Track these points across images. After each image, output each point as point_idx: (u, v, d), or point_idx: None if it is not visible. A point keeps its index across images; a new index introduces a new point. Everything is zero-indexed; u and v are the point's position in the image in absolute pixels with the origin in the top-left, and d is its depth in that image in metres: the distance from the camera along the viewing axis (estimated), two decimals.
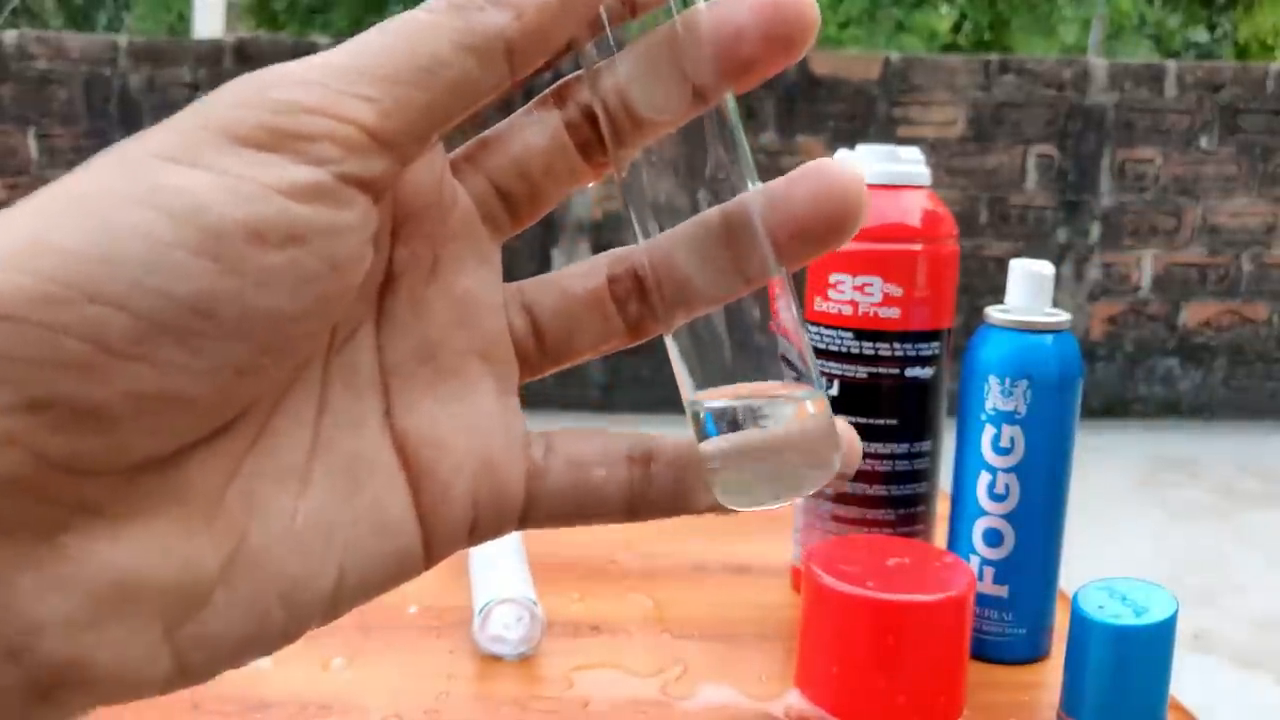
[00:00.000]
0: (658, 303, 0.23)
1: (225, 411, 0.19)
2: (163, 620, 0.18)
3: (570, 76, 0.23)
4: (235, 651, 0.20)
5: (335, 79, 0.19)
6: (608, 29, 0.22)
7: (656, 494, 0.24)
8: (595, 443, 0.23)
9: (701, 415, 0.22)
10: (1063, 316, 0.54)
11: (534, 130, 0.23)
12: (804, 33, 0.22)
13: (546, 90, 0.24)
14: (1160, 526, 2.65)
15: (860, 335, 0.57)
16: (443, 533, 0.22)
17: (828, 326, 0.58)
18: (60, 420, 0.16)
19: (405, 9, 0.20)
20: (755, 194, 0.22)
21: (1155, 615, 0.45)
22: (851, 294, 0.57)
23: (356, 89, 0.19)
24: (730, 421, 0.22)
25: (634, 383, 3.43)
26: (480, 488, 0.22)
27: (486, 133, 0.24)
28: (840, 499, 0.59)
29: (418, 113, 0.19)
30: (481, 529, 0.23)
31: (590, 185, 0.24)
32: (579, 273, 0.24)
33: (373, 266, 0.21)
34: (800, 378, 0.22)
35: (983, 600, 0.55)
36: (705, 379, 0.23)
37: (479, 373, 0.23)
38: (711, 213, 0.22)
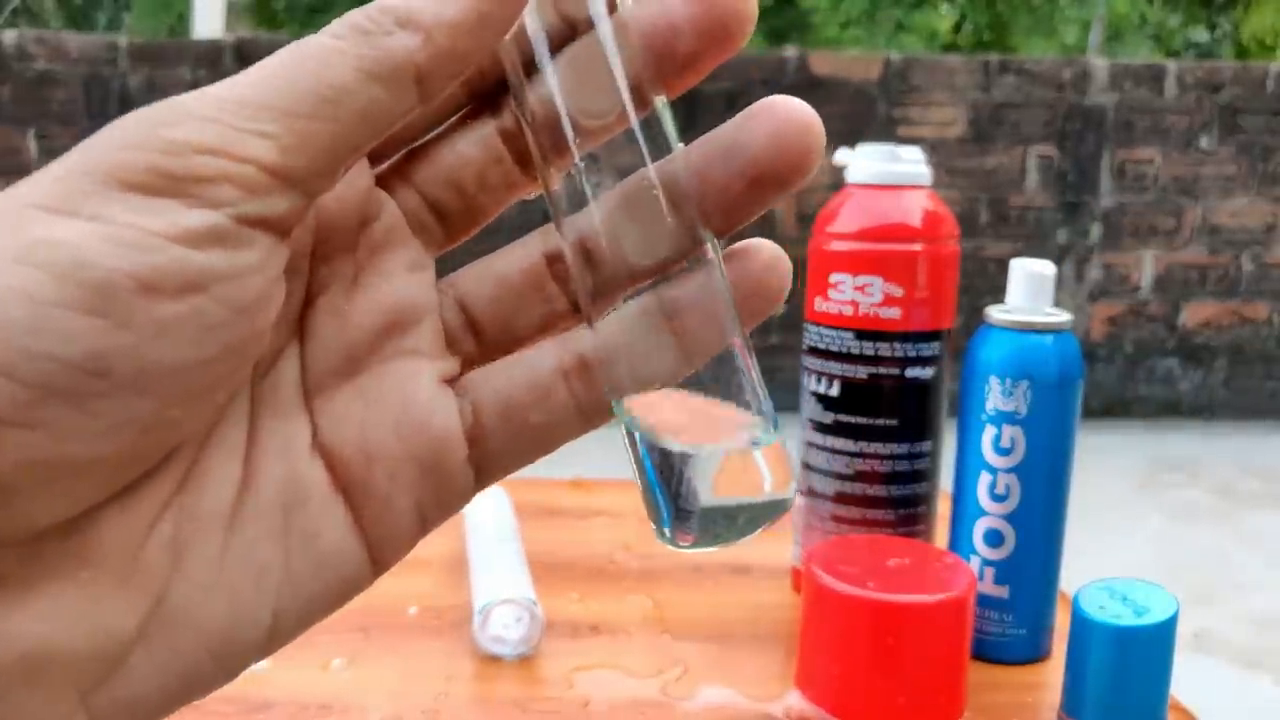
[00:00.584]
0: (595, 278, 0.22)
1: (133, 468, 0.18)
2: (76, 688, 0.18)
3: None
4: (159, 708, 0.19)
5: (232, 114, 0.18)
6: (536, 44, 0.21)
7: (603, 397, 0.22)
8: (522, 377, 0.22)
9: (639, 445, 0.21)
10: (1063, 317, 0.54)
11: (466, 141, 0.22)
12: (741, 24, 0.21)
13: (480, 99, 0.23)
14: (1160, 527, 2.65)
15: (861, 335, 0.57)
16: (391, 543, 0.22)
17: (828, 326, 0.58)
18: None
19: None
20: (679, 155, 0.22)
21: (1156, 615, 0.45)
22: (852, 294, 0.57)
23: (255, 124, 0.18)
24: (677, 479, 0.22)
25: None
26: (423, 487, 0.22)
27: (417, 144, 0.23)
28: (840, 499, 0.59)
29: (322, 147, 0.18)
30: (433, 521, 0.22)
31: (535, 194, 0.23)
32: (514, 256, 0.23)
33: (292, 291, 0.21)
34: (755, 410, 0.22)
35: (983, 601, 0.55)
36: (637, 380, 0.21)
37: (409, 373, 0.22)
38: (636, 179, 0.21)
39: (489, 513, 0.68)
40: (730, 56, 0.22)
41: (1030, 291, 0.54)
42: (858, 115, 3.36)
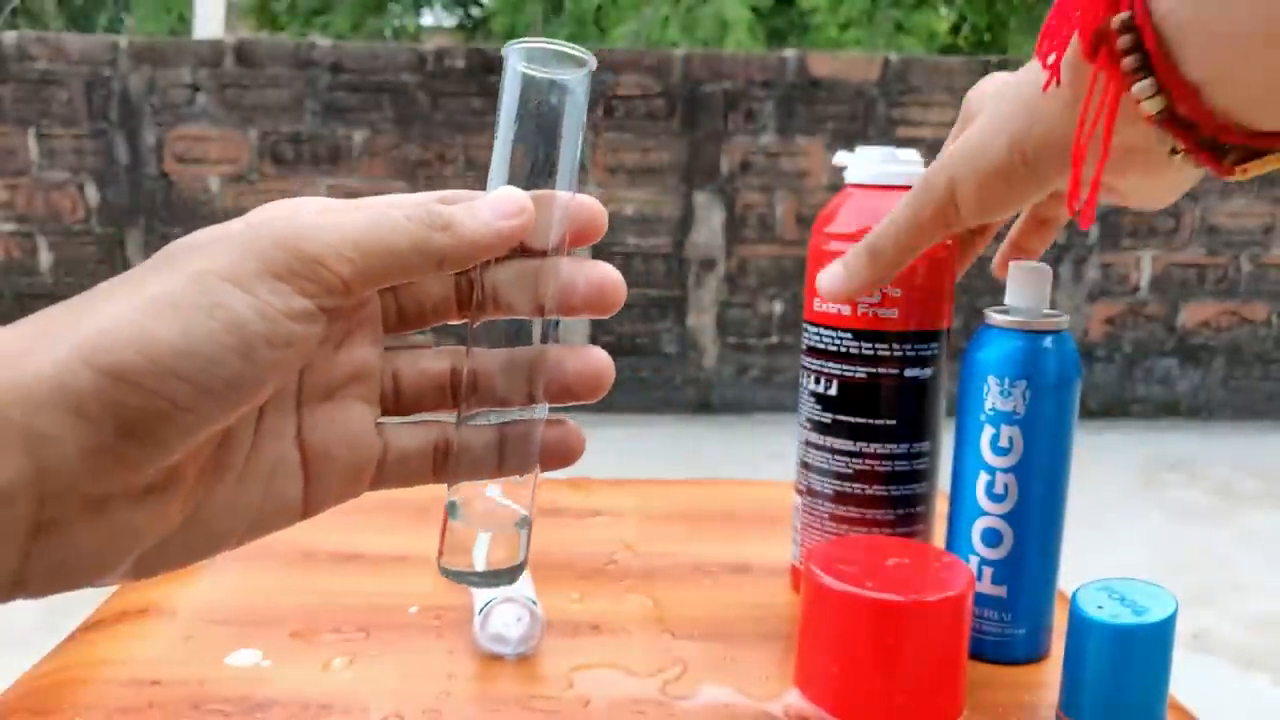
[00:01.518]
0: (472, 395, 0.35)
1: (218, 435, 0.30)
2: (138, 552, 0.30)
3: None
4: (179, 565, 0.32)
5: (338, 241, 0.30)
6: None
7: (449, 469, 0.35)
8: (414, 439, 0.35)
9: (447, 512, 0.35)
10: (1061, 317, 0.54)
11: (436, 282, 0.35)
12: (613, 306, 0.35)
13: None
14: (1159, 527, 2.65)
15: (860, 336, 0.57)
16: (315, 506, 0.34)
17: (827, 327, 0.58)
18: (135, 439, 0.27)
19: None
20: (551, 348, 0.35)
21: (1154, 615, 0.45)
22: None
23: (347, 253, 0.30)
24: (457, 534, 0.35)
25: (634, 383, 3.43)
26: (346, 480, 0.34)
27: None
28: (839, 499, 0.59)
29: (373, 278, 0.31)
30: (340, 499, 0.34)
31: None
32: (435, 357, 0.36)
33: (315, 351, 0.32)
34: (521, 511, 0.36)
35: (982, 600, 0.55)
36: (465, 472, 0.35)
37: (359, 408, 0.34)
38: (520, 351, 0.35)
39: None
40: (603, 316, 0.36)
41: (1028, 292, 0.55)
42: (857, 116, 3.36)
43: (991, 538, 0.55)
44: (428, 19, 7.36)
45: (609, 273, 0.35)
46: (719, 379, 3.47)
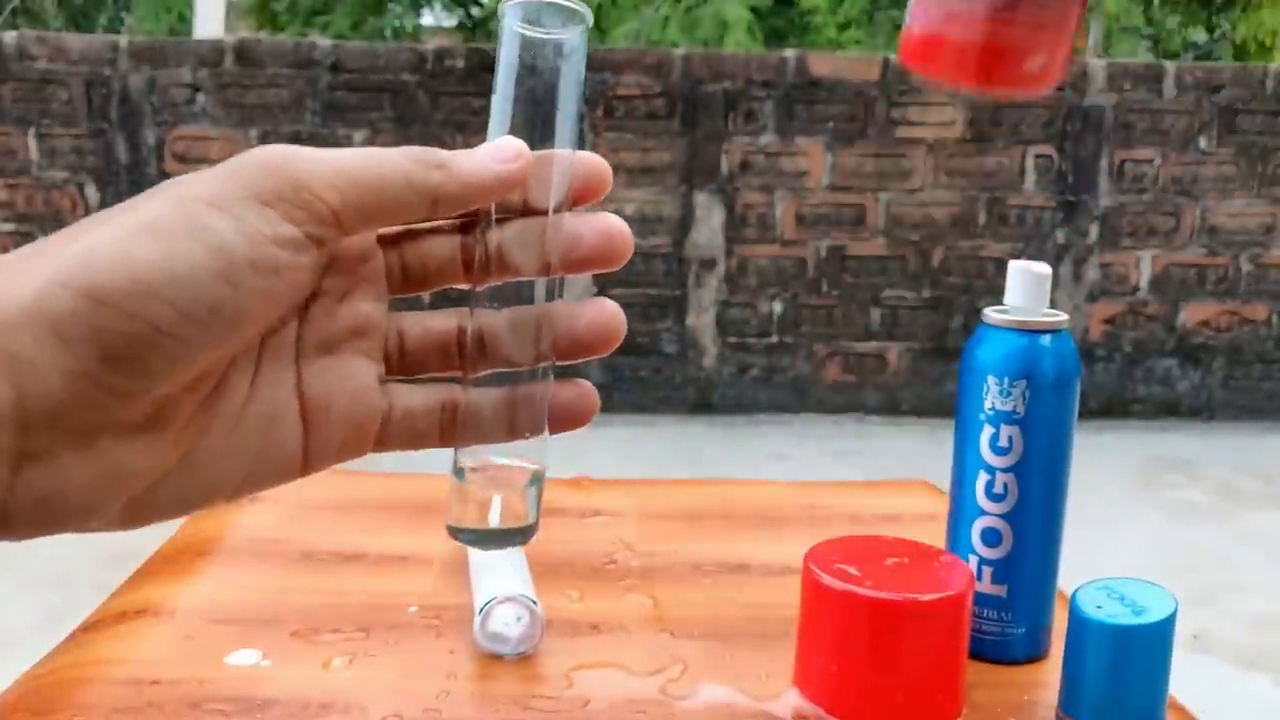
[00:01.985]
0: (479, 355, 0.34)
1: (209, 369, 0.29)
2: (131, 492, 0.29)
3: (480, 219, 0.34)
4: (172, 512, 0.31)
5: (330, 172, 0.29)
6: (492, 212, 0.34)
7: (456, 429, 0.34)
8: (421, 399, 0.34)
9: (453, 474, 0.34)
10: (1060, 317, 0.54)
11: (441, 241, 0.34)
12: (621, 256, 0.34)
13: (462, 221, 0.34)
14: (1159, 527, 2.65)
15: None
16: (316, 461, 0.33)
17: None
18: (120, 366, 0.26)
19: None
20: (559, 305, 0.34)
21: (1154, 615, 0.45)
22: None
23: (338, 183, 0.29)
24: (459, 504, 0.34)
25: (634, 383, 3.43)
26: (348, 435, 0.33)
27: (414, 227, 0.34)
28: None
29: (365, 211, 0.30)
30: (342, 458, 0.34)
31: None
32: (440, 318, 0.35)
33: (306, 286, 0.32)
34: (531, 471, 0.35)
35: (981, 600, 0.55)
36: (475, 435, 0.34)
37: (361, 364, 0.33)
38: (526, 309, 0.34)
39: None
40: (612, 269, 0.35)
41: (1028, 292, 0.55)
42: (857, 116, 3.36)
43: (991, 537, 0.55)
44: (427, 19, 7.36)
45: (614, 222, 0.34)
46: (719, 379, 3.47)
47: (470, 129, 3.32)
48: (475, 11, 7.18)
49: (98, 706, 0.51)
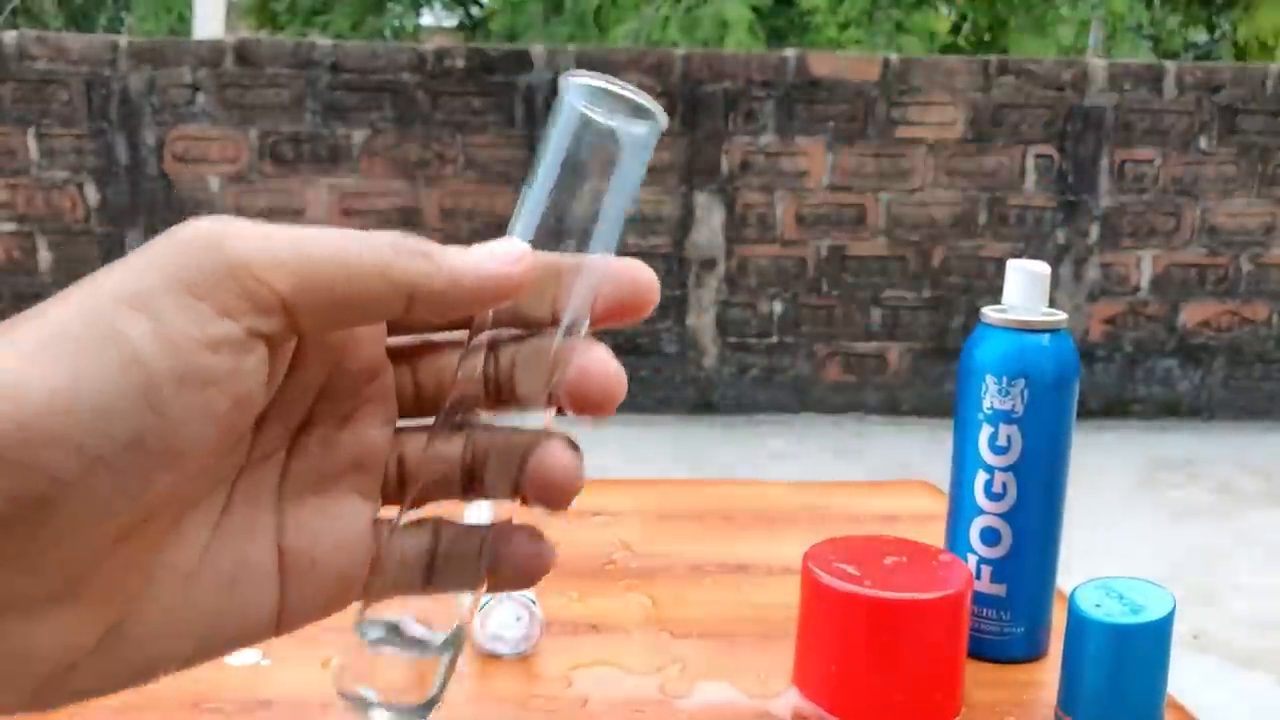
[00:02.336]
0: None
1: (137, 520, 0.23)
2: (34, 683, 0.23)
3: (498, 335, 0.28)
4: (93, 695, 0.25)
5: (281, 250, 0.23)
6: (487, 322, 0.28)
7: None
8: (415, 540, 0.28)
9: (365, 626, 0.29)
10: (1059, 316, 0.54)
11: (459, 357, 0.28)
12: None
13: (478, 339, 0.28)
14: (1159, 526, 2.65)
15: None
16: (295, 621, 0.27)
17: None
18: (11, 531, 0.21)
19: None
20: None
21: (1152, 614, 0.45)
22: None
23: (290, 264, 0.23)
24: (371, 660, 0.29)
25: (634, 382, 3.43)
26: (332, 595, 0.27)
27: (430, 338, 0.29)
28: None
29: (322, 300, 0.23)
30: (328, 613, 0.28)
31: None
32: (449, 444, 0.28)
33: (294, 412, 0.26)
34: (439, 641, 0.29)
35: (980, 599, 0.55)
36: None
37: (357, 506, 0.28)
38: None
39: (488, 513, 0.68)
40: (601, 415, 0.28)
41: (1026, 291, 0.55)
42: (857, 116, 3.36)
43: (990, 537, 0.55)
44: (427, 18, 7.36)
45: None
46: (719, 379, 3.47)
47: (470, 129, 3.32)
48: (475, 11, 7.18)
49: (97, 706, 0.51)
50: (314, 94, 3.29)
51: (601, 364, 0.27)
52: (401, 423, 0.29)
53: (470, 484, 0.28)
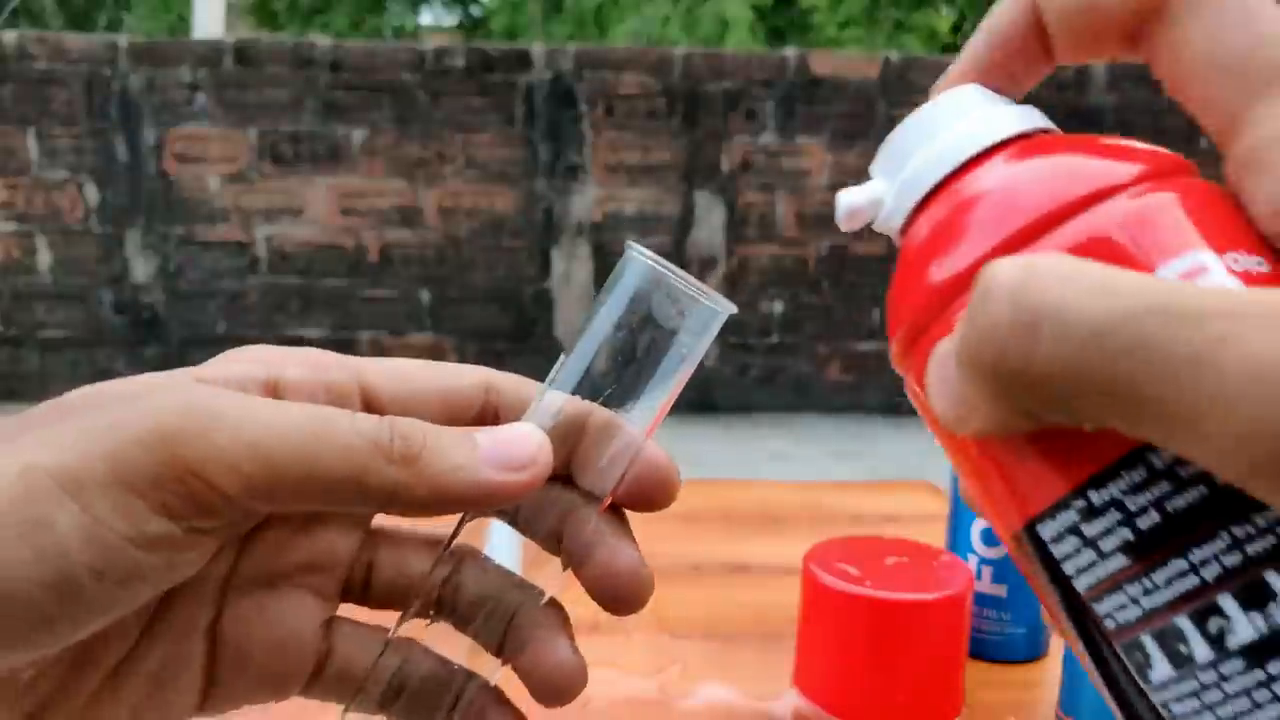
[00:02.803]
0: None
1: (60, 673, 0.23)
2: None
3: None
4: None
5: (241, 450, 0.21)
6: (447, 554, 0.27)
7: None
8: (371, 649, 0.27)
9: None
10: None
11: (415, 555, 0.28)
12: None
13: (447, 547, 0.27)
14: None
15: None
16: (218, 709, 0.26)
17: None
18: None
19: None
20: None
21: None
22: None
23: (241, 462, 0.21)
24: None
25: None
26: (262, 689, 0.26)
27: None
28: None
29: (280, 498, 0.22)
30: (254, 703, 0.27)
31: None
32: (421, 552, 0.28)
33: (248, 522, 0.24)
34: None
35: (981, 599, 0.55)
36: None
37: (307, 604, 0.26)
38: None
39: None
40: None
41: None
42: (857, 115, 3.36)
43: (991, 537, 0.55)
44: (427, 18, 7.36)
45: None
46: (720, 379, 3.47)
47: (469, 128, 3.32)
48: (475, 11, 7.19)
49: None
50: (314, 94, 3.29)
51: (628, 562, 0.27)
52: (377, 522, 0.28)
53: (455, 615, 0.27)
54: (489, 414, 0.27)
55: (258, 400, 0.22)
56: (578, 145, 3.36)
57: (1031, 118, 0.23)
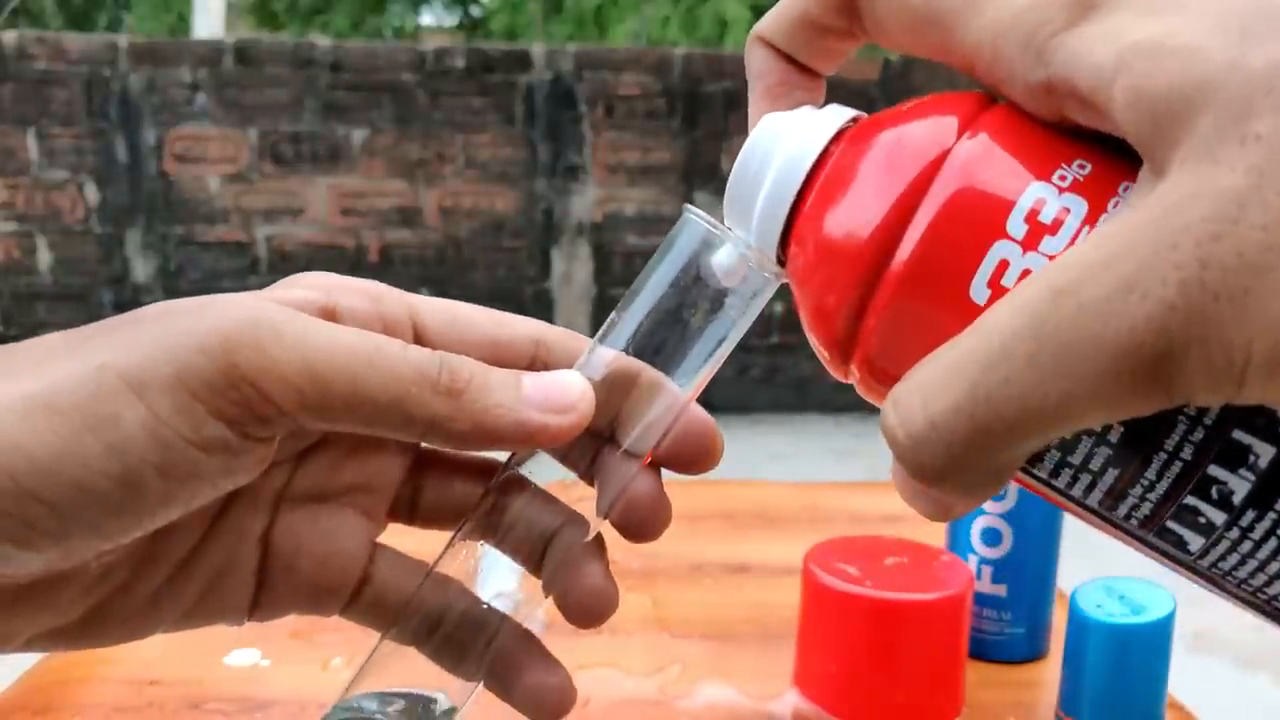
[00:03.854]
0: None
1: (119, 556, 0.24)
2: (25, 638, 0.24)
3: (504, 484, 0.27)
4: (66, 649, 0.26)
5: (295, 364, 0.22)
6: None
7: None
8: (412, 575, 0.28)
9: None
10: None
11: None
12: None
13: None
14: None
15: None
16: (266, 615, 0.28)
17: None
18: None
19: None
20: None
21: (1153, 614, 0.45)
22: None
23: (300, 380, 0.22)
24: None
25: None
26: (306, 599, 0.28)
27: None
28: None
29: (331, 417, 0.23)
30: (304, 613, 0.28)
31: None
32: (470, 478, 0.29)
33: (306, 437, 0.27)
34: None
35: (981, 599, 0.55)
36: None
37: (354, 523, 0.28)
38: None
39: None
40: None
41: None
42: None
43: (991, 537, 0.55)
44: (427, 18, 7.36)
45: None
46: (719, 379, 3.46)
47: (470, 128, 3.32)
48: (475, 11, 7.19)
49: (98, 706, 0.51)
50: (314, 94, 3.29)
51: (652, 498, 0.27)
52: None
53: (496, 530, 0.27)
54: (538, 367, 0.28)
55: (318, 321, 0.23)
56: (578, 145, 3.36)
57: (838, 115, 0.24)
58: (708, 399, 0.27)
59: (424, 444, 0.28)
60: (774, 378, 3.50)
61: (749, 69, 0.25)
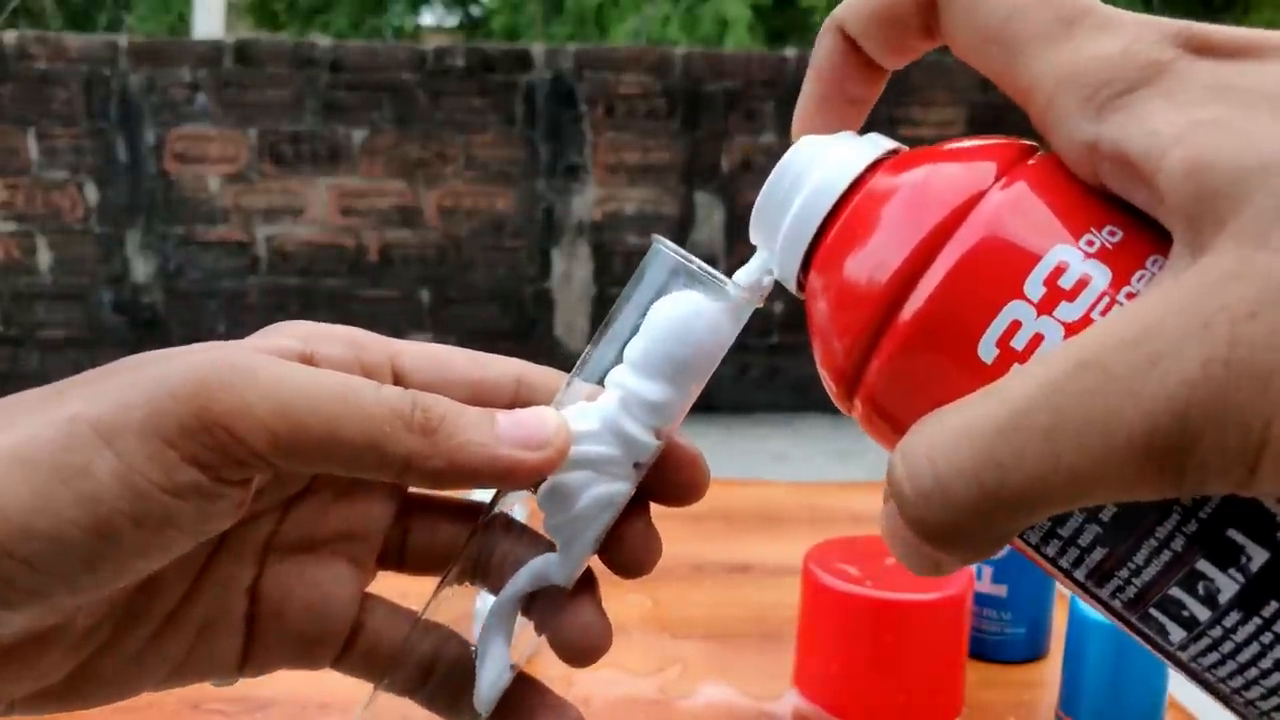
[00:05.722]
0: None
1: (108, 594, 0.24)
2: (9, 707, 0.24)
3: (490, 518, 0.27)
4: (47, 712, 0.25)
5: (264, 403, 0.22)
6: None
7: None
8: (403, 625, 0.28)
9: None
10: None
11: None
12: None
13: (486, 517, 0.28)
14: None
15: None
16: (258, 669, 0.28)
17: None
18: None
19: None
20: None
21: None
22: None
23: (269, 419, 0.22)
24: None
25: None
26: (296, 651, 0.28)
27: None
28: None
29: (305, 459, 0.23)
30: (295, 667, 0.28)
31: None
32: (456, 520, 0.29)
33: (292, 484, 0.27)
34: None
35: (981, 600, 0.55)
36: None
37: (342, 572, 0.28)
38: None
39: None
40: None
41: None
42: None
43: None
44: (427, 18, 7.36)
45: (649, 539, 0.28)
46: (719, 379, 3.46)
47: (470, 128, 3.32)
48: (475, 11, 7.19)
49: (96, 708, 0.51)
50: (314, 93, 3.29)
51: (641, 534, 0.28)
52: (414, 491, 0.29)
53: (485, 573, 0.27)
54: (520, 406, 0.27)
55: (291, 364, 0.23)
56: (578, 145, 3.36)
57: (874, 146, 0.24)
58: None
59: (409, 488, 0.29)
60: (774, 378, 3.50)
61: (814, 57, 0.25)
